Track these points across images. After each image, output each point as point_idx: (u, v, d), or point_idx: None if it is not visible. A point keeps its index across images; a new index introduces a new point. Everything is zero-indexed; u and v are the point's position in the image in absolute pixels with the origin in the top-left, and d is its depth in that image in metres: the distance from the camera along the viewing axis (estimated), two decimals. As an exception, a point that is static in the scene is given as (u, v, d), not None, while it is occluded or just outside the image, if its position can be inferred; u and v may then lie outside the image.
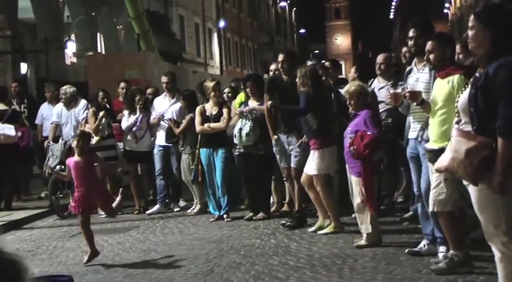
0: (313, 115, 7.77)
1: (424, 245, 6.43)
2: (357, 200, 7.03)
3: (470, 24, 4.02)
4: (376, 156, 7.14)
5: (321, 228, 7.88)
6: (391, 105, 8.31)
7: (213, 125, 9.19)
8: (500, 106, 3.78)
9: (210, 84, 9.48)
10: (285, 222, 8.38)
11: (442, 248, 6.16)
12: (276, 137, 8.57)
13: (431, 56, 5.84)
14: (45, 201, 10.83)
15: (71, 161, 7.07)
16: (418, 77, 6.26)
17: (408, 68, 6.65)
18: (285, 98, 8.36)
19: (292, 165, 8.38)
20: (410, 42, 6.44)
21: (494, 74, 3.84)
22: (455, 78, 5.66)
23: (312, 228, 7.95)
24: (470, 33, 4.01)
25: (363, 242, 6.97)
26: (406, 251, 6.53)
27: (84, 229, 7.00)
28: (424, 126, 6.06)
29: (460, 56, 6.61)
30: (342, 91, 7.36)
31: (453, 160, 3.91)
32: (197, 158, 9.40)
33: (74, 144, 7.08)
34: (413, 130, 6.31)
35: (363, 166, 6.88)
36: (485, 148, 3.81)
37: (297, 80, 7.89)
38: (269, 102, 8.30)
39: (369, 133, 6.80)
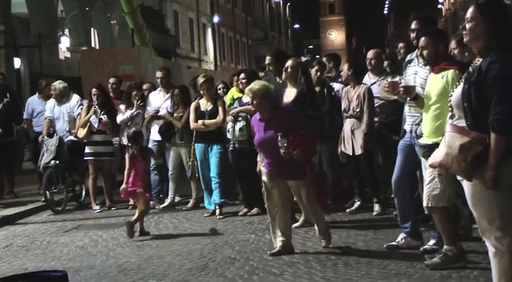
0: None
1: (402, 239, 6.45)
2: (311, 202, 6.74)
3: (469, 15, 4.00)
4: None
5: (305, 223, 7.82)
6: (385, 100, 8.35)
7: (207, 122, 9.14)
8: (493, 102, 3.79)
9: (200, 81, 9.40)
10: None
11: (432, 241, 6.22)
12: None
13: (425, 52, 5.83)
14: (38, 196, 10.81)
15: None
16: (417, 70, 6.23)
17: (408, 58, 6.60)
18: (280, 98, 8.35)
19: None
20: (413, 35, 6.41)
21: (486, 70, 3.85)
22: (449, 73, 5.66)
23: (295, 224, 7.93)
24: (468, 25, 4.00)
25: (277, 250, 6.66)
26: (385, 246, 6.55)
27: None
28: (418, 121, 6.07)
29: (455, 52, 6.61)
30: (246, 90, 6.97)
31: (447, 155, 3.92)
32: (193, 154, 9.39)
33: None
34: (408, 123, 6.32)
35: (309, 168, 6.54)
36: (478, 143, 3.82)
37: (285, 69, 7.79)
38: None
39: (304, 132, 6.45)
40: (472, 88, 3.89)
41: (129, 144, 8.53)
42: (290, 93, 7.84)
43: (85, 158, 10.27)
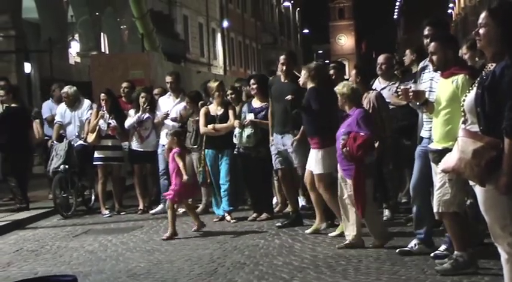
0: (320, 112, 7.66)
1: (415, 245, 6.43)
2: (347, 202, 6.93)
3: (482, 21, 3.97)
4: (369, 159, 7.00)
5: (317, 230, 7.84)
6: (394, 106, 8.32)
7: (218, 126, 9.13)
8: (507, 107, 3.76)
9: (213, 84, 9.46)
10: (280, 224, 8.36)
11: (443, 247, 6.18)
12: (272, 138, 8.56)
13: (434, 58, 5.83)
14: (48, 201, 10.83)
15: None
16: (433, 76, 6.20)
17: (422, 64, 6.58)
18: (281, 97, 8.34)
19: (297, 164, 8.31)
20: (426, 40, 6.38)
21: (500, 74, 3.81)
22: (459, 78, 5.64)
23: (309, 231, 7.93)
24: (481, 30, 3.97)
25: (344, 244, 6.90)
26: (397, 250, 6.54)
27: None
28: None
29: (466, 56, 6.58)
30: (336, 90, 7.24)
31: (460, 160, 3.89)
32: (203, 159, 9.37)
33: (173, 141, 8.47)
34: (426, 129, 6.28)
35: (355, 168, 6.73)
36: (492, 148, 3.78)
37: (301, 78, 7.85)
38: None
39: (362, 134, 6.68)
40: (485, 93, 3.86)
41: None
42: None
43: (94, 163, 10.28)
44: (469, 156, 3.84)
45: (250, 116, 8.97)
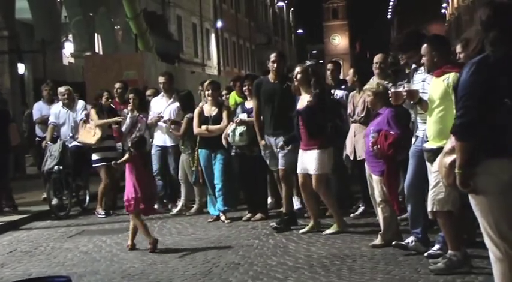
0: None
1: (412, 241, 6.45)
2: (378, 199, 6.95)
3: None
4: (400, 156, 7.02)
5: (312, 229, 7.86)
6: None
7: (211, 127, 9.12)
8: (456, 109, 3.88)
9: (206, 83, 9.48)
10: (275, 224, 8.34)
11: (437, 246, 6.19)
12: (263, 142, 8.55)
13: (424, 59, 5.87)
14: (42, 202, 10.80)
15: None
16: (425, 77, 6.22)
17: (415, 65, 6.60)
18: (272, 99, 8.40)
19: (280, 166, 8.34)
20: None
21: (460, 76, 3.94)
22: (451, 76, 5.67)
23: (303, 230, 7.93)
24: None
25: (377, 241, 6.92)
26: (393, 243, 6.57)
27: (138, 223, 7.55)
28: None
29: (461, 56, 6.60)
30: (364, 88, 7.37)
31: (439, 161, 4.02)
32: (196, 159, 9.37)
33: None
34: (420, 129, 6.29)
35: (386, 166, 6.77)
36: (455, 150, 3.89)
37: (295, 76, 7.84)
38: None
39: (392, 132, 6.71)
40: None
41: (131, 149, 7.79)
42: (303, 99, 7.82)
43: (96, 164, 10.18)
44: (441, 156, 4.00)
45: (242, 116, 8.96)
